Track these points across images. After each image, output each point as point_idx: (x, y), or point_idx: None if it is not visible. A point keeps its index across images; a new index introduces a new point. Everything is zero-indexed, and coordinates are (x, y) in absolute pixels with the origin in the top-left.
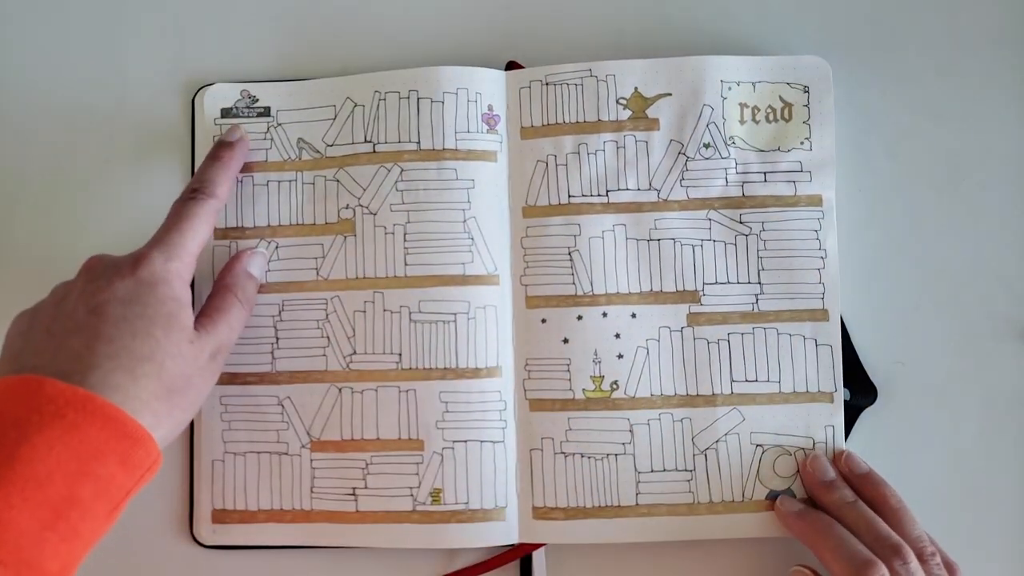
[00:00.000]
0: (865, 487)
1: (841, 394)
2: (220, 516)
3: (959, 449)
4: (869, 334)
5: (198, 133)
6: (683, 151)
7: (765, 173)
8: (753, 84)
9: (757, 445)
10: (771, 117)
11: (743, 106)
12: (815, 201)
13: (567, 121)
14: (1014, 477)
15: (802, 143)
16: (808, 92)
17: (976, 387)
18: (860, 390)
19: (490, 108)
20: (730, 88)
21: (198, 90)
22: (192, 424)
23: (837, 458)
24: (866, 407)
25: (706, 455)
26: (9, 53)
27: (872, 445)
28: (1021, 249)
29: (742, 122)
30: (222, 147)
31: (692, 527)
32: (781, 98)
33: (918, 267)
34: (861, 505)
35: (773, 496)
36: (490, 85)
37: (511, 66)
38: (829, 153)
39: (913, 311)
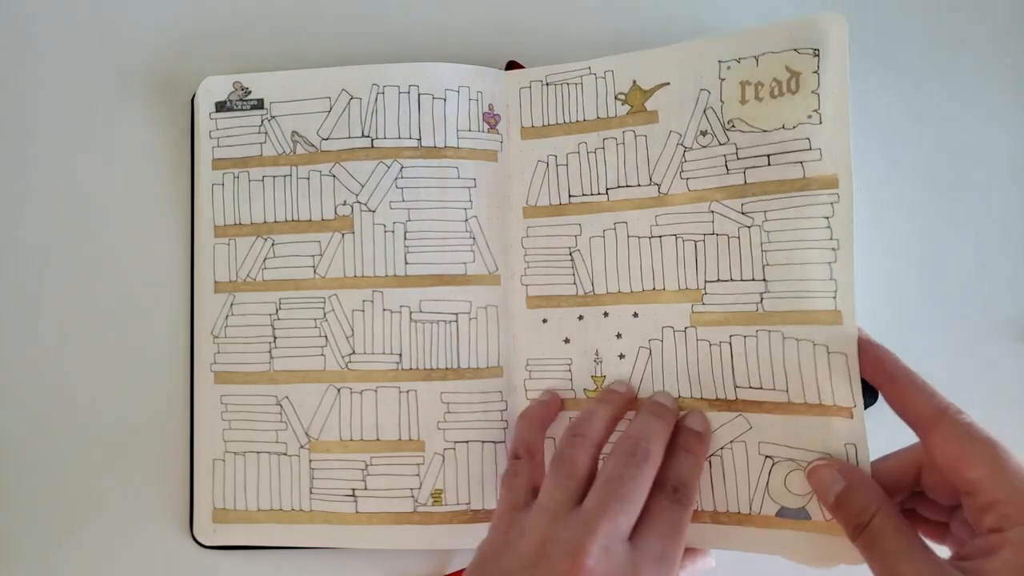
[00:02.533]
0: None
1: (861, 409)
2: (220, 516)
3: None
4: (869, 334)
5: (197, 127)
6: (682, 141)
7: (768, 156)
8: (756, 58)
9: (766, 456)
10: (775, 91)
11: (744, 84)
12: (828, 183)
13: (567, 121)
14: None
15: (810, 116)
16: (818, 56)
17: (976, 387)
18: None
19: (491, 108)
20: (729, 67)
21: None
22: (192, 423)
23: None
24: (867, 408)
25: (710, 461)
26: (8, 50)
27: (872, 445)
28: (1021, 249)
29: (743, 102)
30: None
31: (695, 535)
32: (787, 68)
33: (918, 267)
34: (887, 511)
35: (787, 514)
36: (491, 84)
37: (511, 66)
38: (843, 124)
39: (913, 311)
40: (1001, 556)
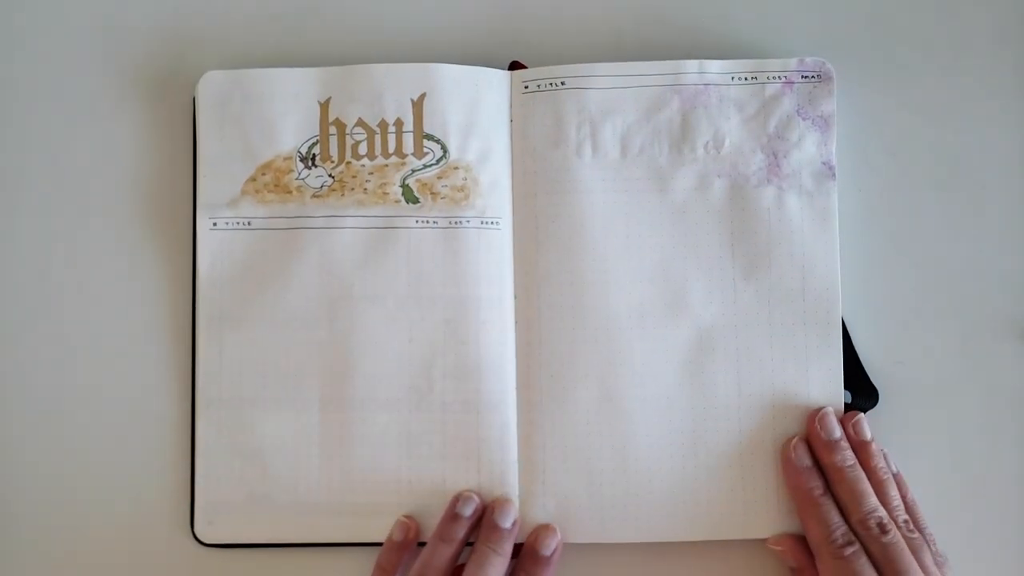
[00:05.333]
0: (861, 454)
1: (841, 407)
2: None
3: (959, 449)
4: (869, 334)
5: (200, 119)
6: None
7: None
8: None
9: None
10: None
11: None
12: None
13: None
14: (1014, 477)
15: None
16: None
17: (976, 387)
18: (861, 392)
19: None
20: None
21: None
22: (192, 418)
23: (846, 420)
24: (867, 410)
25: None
26: (8, 48)
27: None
28: (1021, 249)
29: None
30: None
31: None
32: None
33: (918, 267)
34: (858, 471)
35: None
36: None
37: (514, 66)
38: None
39: (913, 311)
40: None
